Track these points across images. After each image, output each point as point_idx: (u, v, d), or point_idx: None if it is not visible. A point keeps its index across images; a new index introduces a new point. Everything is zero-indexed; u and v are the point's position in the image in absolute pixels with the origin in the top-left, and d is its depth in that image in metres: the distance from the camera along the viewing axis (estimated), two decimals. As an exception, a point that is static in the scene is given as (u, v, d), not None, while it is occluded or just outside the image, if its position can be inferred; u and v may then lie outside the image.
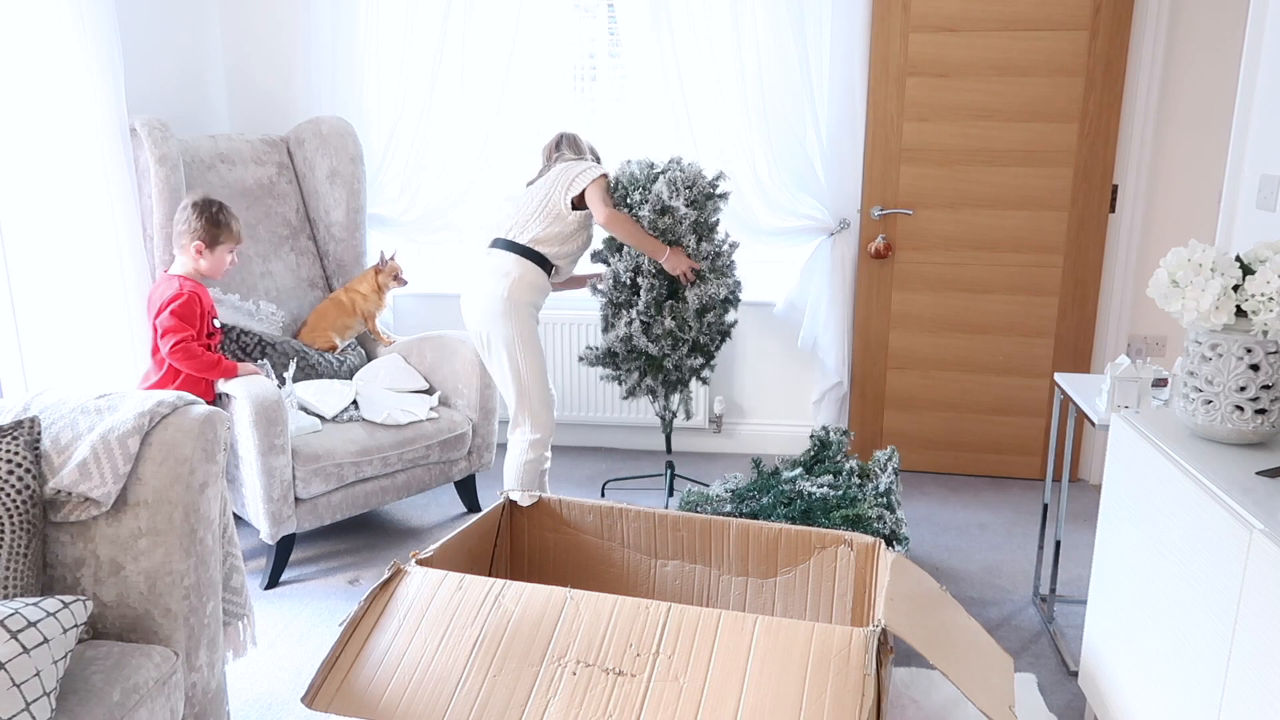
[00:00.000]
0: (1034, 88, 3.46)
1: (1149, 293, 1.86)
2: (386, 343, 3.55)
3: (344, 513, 3.02)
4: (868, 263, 3.72)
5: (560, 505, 2.56)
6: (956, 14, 3.44)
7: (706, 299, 3.19)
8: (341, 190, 3.58)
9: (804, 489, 3.02)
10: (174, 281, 2.84)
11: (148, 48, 3.43)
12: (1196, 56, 3.35)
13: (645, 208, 3.08)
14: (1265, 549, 1.48)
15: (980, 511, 3.53)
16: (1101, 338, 3.66)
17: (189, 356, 2.77)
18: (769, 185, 3.65)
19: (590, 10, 3.85)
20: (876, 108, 3.58)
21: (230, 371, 2.87)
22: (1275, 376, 1.77)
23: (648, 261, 3.15)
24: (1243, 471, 1.71)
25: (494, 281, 2.94)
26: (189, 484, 1.84)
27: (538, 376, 2.99)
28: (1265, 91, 2.33)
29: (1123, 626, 2.03)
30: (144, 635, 1.83)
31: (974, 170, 3.57)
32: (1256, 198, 2.34)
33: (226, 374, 2.86)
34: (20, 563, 1.74)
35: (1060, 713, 2.36)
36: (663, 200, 3.06)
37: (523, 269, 2.96)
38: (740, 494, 3.23)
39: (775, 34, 3.53)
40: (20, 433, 1.81)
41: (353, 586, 2.98)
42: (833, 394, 3.87)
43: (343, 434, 3.03)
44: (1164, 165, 3.47)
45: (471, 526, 2.40)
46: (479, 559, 2.46)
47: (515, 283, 2.94)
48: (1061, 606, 2.80)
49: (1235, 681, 1.57)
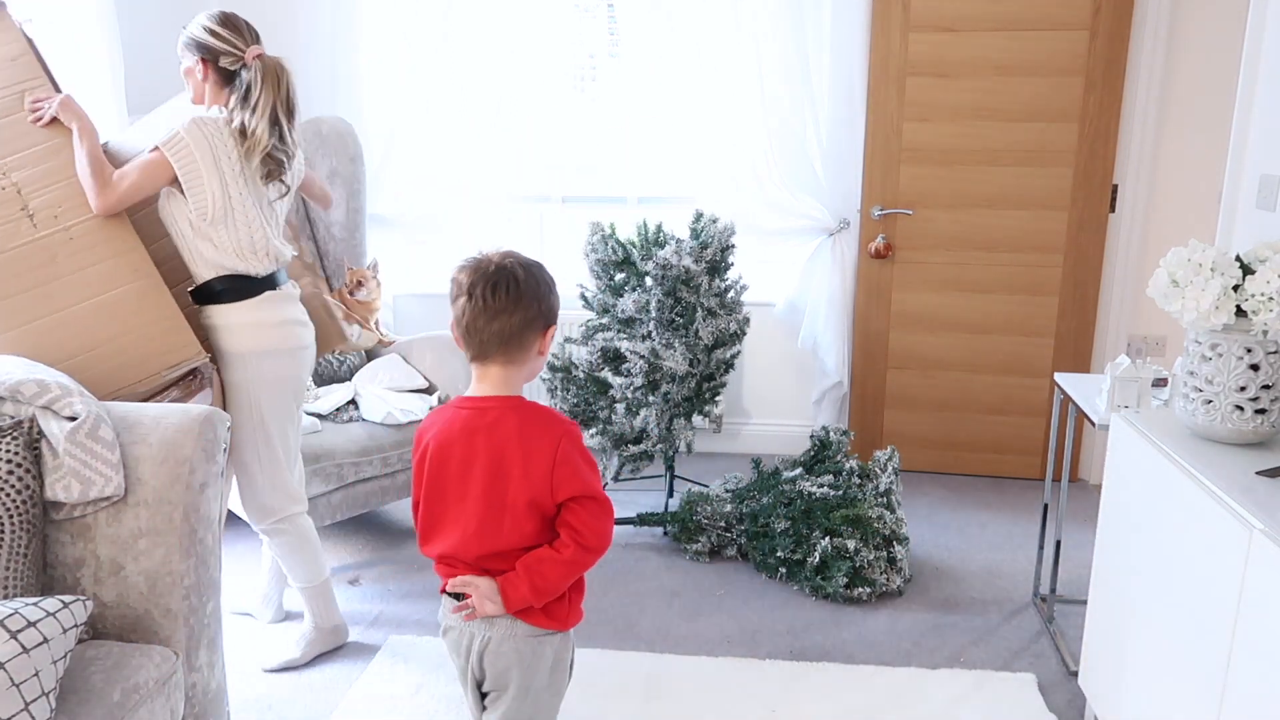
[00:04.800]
0: (1034, 88, 3.46)
1: (1149, 293, 1.86)
2: (386, 343, 3.54)
3: (344, 513, 3.02)
4: (868, 263, 3.72)
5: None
6: (956, 14, 3.44)
7: (718, 333, 3.19)
8: (341, 190, 3.58)
9: (804, 489, 3.03)
10: None
11: (148, 48, 3.42)
12: (1196, 56, 3.34)
13: (650, 264, 3.11)
14: (1265, 549, 1.48)
15: (980, 511, 3.53)
16: (1101, 338, 3.66)
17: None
18: (769, 185, 3.65)
19: (590, 10, 3.85)
20: (876, 108, 3.58)
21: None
22: (1275, 376, 1.77)
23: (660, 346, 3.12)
24: (1243, 471, 1.71)
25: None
26: (189, 484, 1.84)
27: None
28: (1265, 91, 2.33)
29: (1123, 626, 2.03)
30: (144, 635, 1.83)
31: (974, 170, 3.56)
32: (1256, 198, 2.34)
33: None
34: (20, 563, 1.74)
35: (1060, 713, 2.36)
36: (672, 263, 3.07)
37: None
38: (740, 494, 3.23)
39: (775, 34, 3.53)
40: (20, 433, 1.81)
41: (353, 586, 2.98)
42: (833, 394, 3.87)
43: (343, 434, 3.02)
44: (1164, 165, 3.47)
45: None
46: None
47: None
48: (1061, 606, 2.80)
49: (1235, 681, 1.57)
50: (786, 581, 2.98)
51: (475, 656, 1.60)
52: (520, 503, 1.54)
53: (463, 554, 1.57)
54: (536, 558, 1.55)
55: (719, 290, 3.22)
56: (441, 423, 1.61)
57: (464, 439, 1.57)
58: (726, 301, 3.24)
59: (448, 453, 1.58)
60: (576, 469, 1.55)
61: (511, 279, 1.53)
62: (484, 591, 1.55)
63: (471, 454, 1.56)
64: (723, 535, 3.14)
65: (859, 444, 3.84)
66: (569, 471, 1.54)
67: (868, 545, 2.88)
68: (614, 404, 3.21)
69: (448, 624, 1.64)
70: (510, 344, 1.55)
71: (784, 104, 3.59)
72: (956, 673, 2.51)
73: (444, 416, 1.62)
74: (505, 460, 1.55)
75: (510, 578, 1.55)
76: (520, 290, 1.54)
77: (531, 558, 1.55)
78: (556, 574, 1.55)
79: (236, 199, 2.29)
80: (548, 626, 1.60)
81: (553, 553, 1.55)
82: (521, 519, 1.55)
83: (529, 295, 1.55)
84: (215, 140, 2.25)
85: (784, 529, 2.97)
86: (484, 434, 1.56)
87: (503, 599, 1.55)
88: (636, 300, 3.14)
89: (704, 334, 3.15)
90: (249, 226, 2.31)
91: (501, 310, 1.53)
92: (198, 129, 2.23)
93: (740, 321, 3.27)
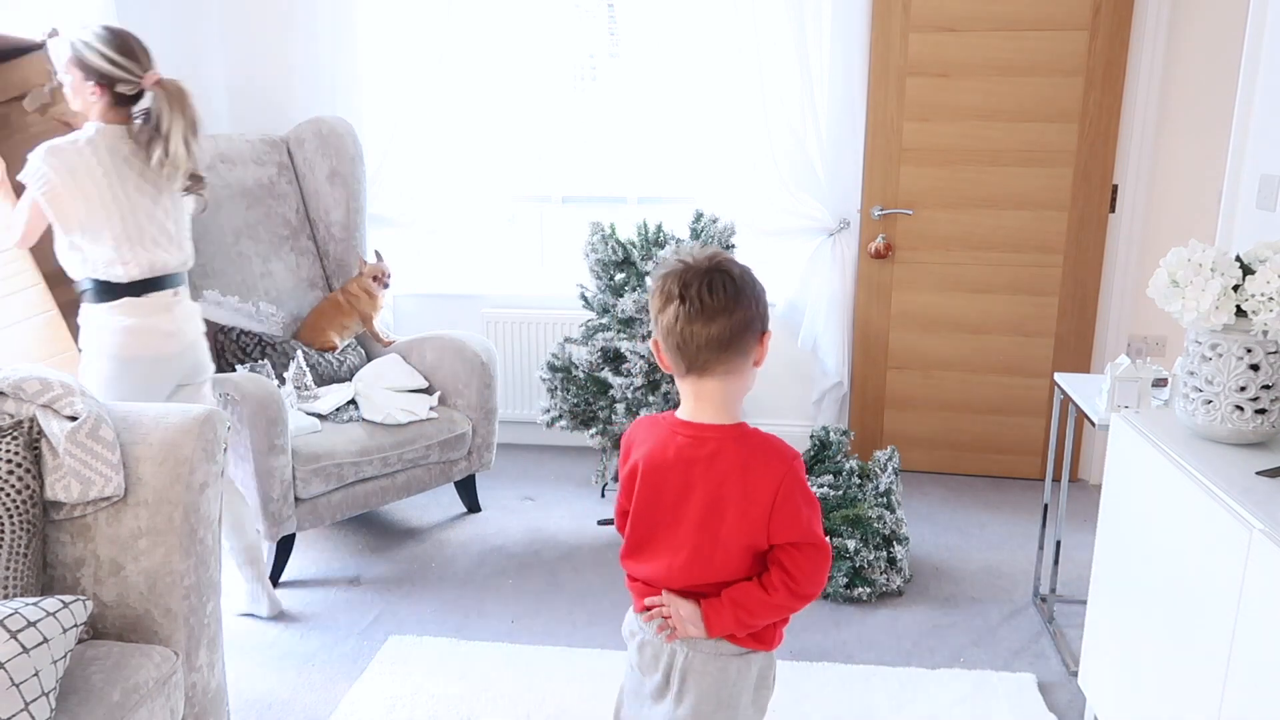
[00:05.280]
0: (1034, 88, 3.46)
1: (1149, 293, 1.86)
2: (386, 343, 3.54)
3: (344, 513, 3.02)
4: (868, 263, 3.72)
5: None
6: (956, 14, 3.44)
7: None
8: (341, 190, 3.58)
9: (804, 489, 3.02)
10: None
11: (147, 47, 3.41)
12: (1196, 56, 3.34)
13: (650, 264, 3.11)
14: (1265, 549, 1.48)
15: (980, 511, 3.53)
16: (1101, 338, 3.66)
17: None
18: (769, 185, 3.65)
19: (590, 10, 3.85)
20: (876, 108, 3.58)
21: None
22: (1275, 376, 1.77)
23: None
24: (1242, 471, 1.71)
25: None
26: (189, 484, 1.84)
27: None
28: (1265, 91, 2.33)
29: (1123, 626, 2.03)
30: (144, 635, 1.83)
31: (974, 170, 3.56)
32: (1256, 198, 2.34)
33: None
34: (20, 563, 1.74)
35: (1060, 713, 2.36)
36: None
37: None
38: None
39: (775, 34, 3.53)
40: (20, 433, 1.81)
41: (353, 586, 2.98)
42: (833, 394, 3.87)
43: (343, 434, 3.02)
44: (1164, 165, 3.47)
45: None
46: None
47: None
48: (1061, 606, 2.80)
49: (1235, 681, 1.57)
50: (786, 581, 2.98)
51: (679, 675, 1.53)
52: (734, 543, 1.46)
53: (668, 583, 1.51)
54: (745, 592, 1.47)
55: None
56: (654, 444, 1.51)
57: (680, 469, 1.48)
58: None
59: (661, 478, 1.50)
60: (797, 512, 1.45)
61: (728, 277, 1.41)
62: (686, 616, 1.48)
63: (688, 486, 1.47)
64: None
65: (859, 444, 3.84)
66: (789, 515, 1.44)
67: (868, 545, 2.88)
68: (614, 404, 3.21)
69: (644, 638, 1.57)
70: (730, 350, 1.42)
71: (784, 104, 3.59)
72: (956, 673, 2.51)
73: (656, 436, 1.52)
74: (723, 498, 1.45)
75: (715, 605, 1.47)
76: (738, 287, 1.41)
77: (740, 592, 1.47)
78: (763, 612, 1.48)
79: (102, 213, 2.37)
80: (752, 647, 1.53)
81: (762, 593, 1.46)
82: (734, 557, 1.47)
83: (747, 293, 1.42)
84: (75, 163, 2.33)
85: (784, 529, 2.97)
86: (702, 466, 1.46)
87: (705, 625, 1.48)
88: (636, 300, 3.14)
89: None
90: (115, 240, 2.40)
91: (721, 310, 1.39)
92: (55, 158, 2.31)
93: None
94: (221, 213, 3.40)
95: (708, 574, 1.48)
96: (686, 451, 1.47)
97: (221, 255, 3.38)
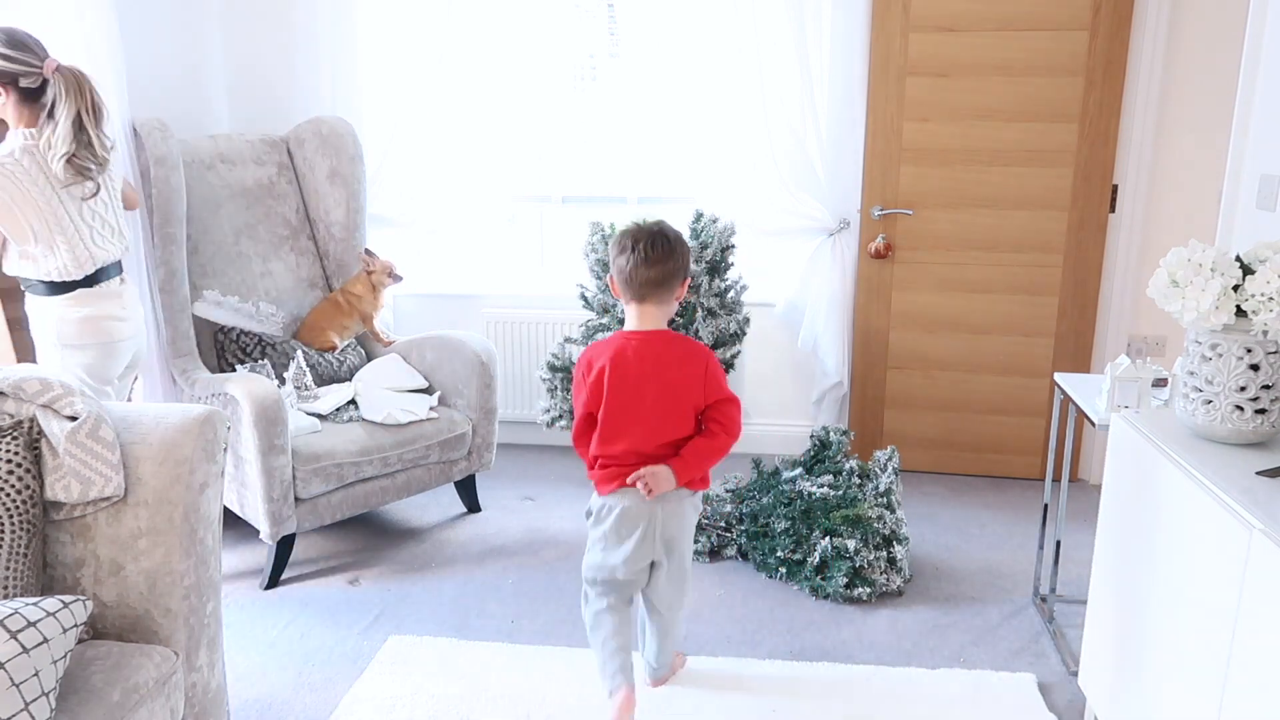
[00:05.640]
0: (1034, 88, 3.46)
1: (1149, 293, 1.86)
2: (386, 343, 3.54)
3: (344, 513, 3.02)
4: (868, 263, 3.72)
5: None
6: (956, 14, 3.44)
7: (718, 333, 3.19)
8: (341, 190, 3.58)
9: (804, 489, 3.03)
10: None
11: (148, 47, 3.42)
12: (1196, 56, 3.34)
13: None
14: (1265, 549, 1.48)
15: (980, 511, 3.53)
16: (1101, 338, 3.66)
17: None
18: (769, 185, 3.65)
19: (590, 10, 3.85)
20: (876, 108, 3.58)
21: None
22: (1275, 376, 1.77)
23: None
24: (1242, 471, 1.71)
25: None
26: (189, 484, 1.84)
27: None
28: (1265, 91, 2.33)
29: (1123, 626, 2.03)
30: (144, 635, 1.83)
31: (974, 170, 3.56)
32: (1256, 198, 2.34)
33: None
34: (20, 563, 1.74)
35: (1060, 713, 2.36)
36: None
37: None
38: (740, 494, 3.23)
39: (775, 34, 3.53)
40: (20, 433, 1.81)
41: (353, 587, 2.98)
42: (833, 394, 3.87)
43: (343, 434, 3.02)
44: (1164, 165, 3.47)
45: None
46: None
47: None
48: (1061, 606, 2.80)
49: (1235, 681, 1.57)
50: (786, 581, 2.98)
51: (660, 523, 2.13)
52: (684, 405, 2.11)
53: (644, 446, 2.09)
54: (695, 445, 2.12)
55: (719, 290, 3.22)
56: (614, 351, 2.10)
57: (637, 361, 2.09)
58: (727, 302, 3.25)
59: (626, 369, 2.09)
60: (719, 379, 2.14)
61: (665, 238, 2.09)
62: (662, 475, 2.08)
63: (644, 372, 2.09)
64: (723, 535, 3.14)
65: (859, 444, 3.84)
66: (715, 380, 2.13)
67: (867, 545, 2.88)
68: None
69: (624, 505, 2.12)
70: (662, 287, 2.10)
71: (784, 104, 3.59)
72: (956, 673, 2.51)
73: (612, 345, 2.11)
74: (670, 375, 2.09)
75: (678, 461, 2.10)
76: (672, 246, 2.10)
77: (692, 446, 2.11)
78: (711, 455, 2.13)
79: (53, 221, 2.42)
80: (697, 489, 2.20)
81: (708, 441, 2.12)
82: (685, 417, 2.12)
83: (678, 250, 2.12)
84: (19, 174, 2.37)
85: (784, 529, 2.97)
86: (652, 358, 2.09)
87: (675, 477, 2.10)
88: None
89: (704, 334, 3.15)
90: (69, 244, 2.46)
91: (659, 260, 2.06)
92: (1, 175, 2.35)
93: (740, 322, 3.27)
94: (221, 213, 3.40)
95: (670, 433, 2.11)
96: (640, 350, 2.11)
97: (221, 255, 3.38)
